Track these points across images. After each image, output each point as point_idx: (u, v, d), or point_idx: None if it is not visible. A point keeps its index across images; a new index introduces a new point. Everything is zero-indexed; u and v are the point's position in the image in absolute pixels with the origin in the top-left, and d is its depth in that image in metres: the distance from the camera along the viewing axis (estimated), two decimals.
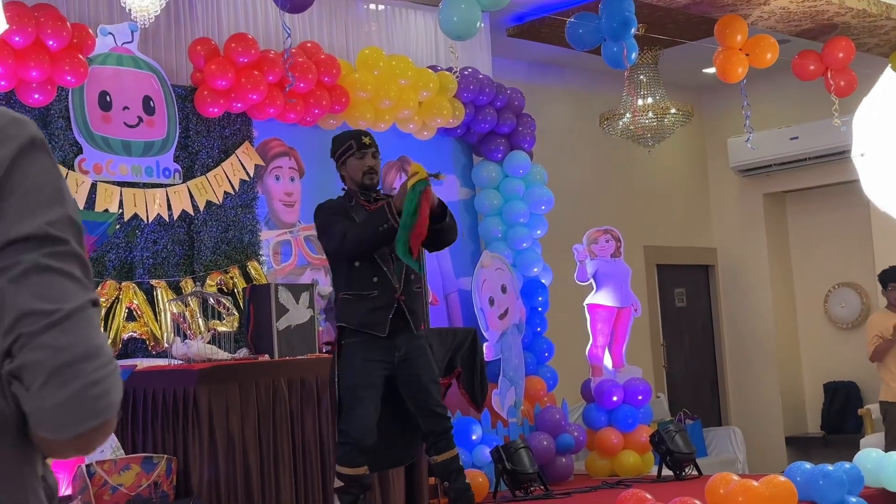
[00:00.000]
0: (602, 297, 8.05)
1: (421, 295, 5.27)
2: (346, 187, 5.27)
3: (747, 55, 7.03)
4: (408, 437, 5.36)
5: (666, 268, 10.53)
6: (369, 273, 5.06)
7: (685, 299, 10.79)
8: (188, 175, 6.51)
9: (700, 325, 10.90)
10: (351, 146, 5.19)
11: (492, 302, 7.56)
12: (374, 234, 4.95)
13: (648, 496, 5.05)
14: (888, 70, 5.73)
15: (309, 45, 6.98)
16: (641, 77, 8.79)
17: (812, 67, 7.52)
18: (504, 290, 7.64)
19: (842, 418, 10.28)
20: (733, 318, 10.89)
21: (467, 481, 5.30)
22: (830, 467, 5.77)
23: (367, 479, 5.09)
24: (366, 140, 5.21)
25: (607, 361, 8.06)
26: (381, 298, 5.05)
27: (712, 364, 10.93)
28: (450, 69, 7.60)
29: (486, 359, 7.13)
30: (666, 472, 7.37)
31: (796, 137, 10.08)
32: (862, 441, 8.70)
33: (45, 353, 1.23)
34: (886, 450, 6.75)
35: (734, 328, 10.89)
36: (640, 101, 8.72)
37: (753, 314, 10.73)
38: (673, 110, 8.64)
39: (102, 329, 1.30)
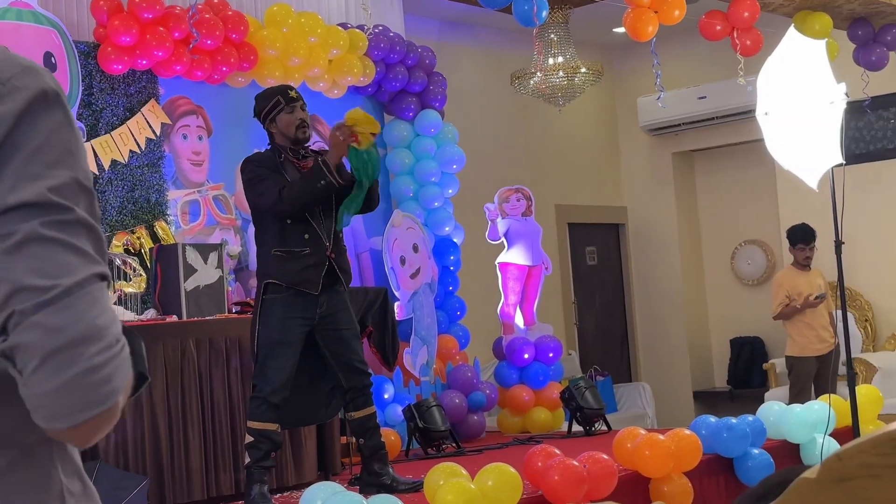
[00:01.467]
0: (513, 256, 8.11)
1: (346, 251, 5.27)
2: (272, 144, 5.21)
3: (656, 12, 7.07)
4: (324, 396, 5.35)
5: (577, 226, 10.62)
6: (301, 230, 5.04)
7: (596, 258, 10.90)
8: (92, 133, 6.37)
9: (610, 282, 11.03)
10: (279, 101, 5.15)
11: (403, 261, 7.56)
12: (312, 192, 4.95)
13: (557, 451, 5.11)
14: (791, 29, 5.81)
15: (216, 1, 6.85)
16: (552, 36, 8.81)
17: (719, 27, 7.60)
18: (416, 249, 7.64)
19: (748, 373, 10.50)
20: (643, 275, 11.04)
21: (382, 440, 5.32)
22: (734, 420, 5.90)
23: (277, 435, 5.08)
24: (293, 94, 5.19)
25: (519, 320, 8.12)
26: (313, 256, 5.04)
27: (622, 321, 11.08)
28: (361, 27, 7.53)
29: (398, 318, 7.15)
30: (576, 427, 7.47)
31: (704, 97, 10.20)
32: (766, 395, 8.90)
33: (39, 334, 1.11)
34: (790, 403, 6.91)
35: (644, 286, 11.04)
36: (550, 60, 8.74)
37: (662, 272, 10.88)
38: (583, 69, 8.68)
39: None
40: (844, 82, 5.69)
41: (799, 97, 5.54)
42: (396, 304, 7.31)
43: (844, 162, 5.55)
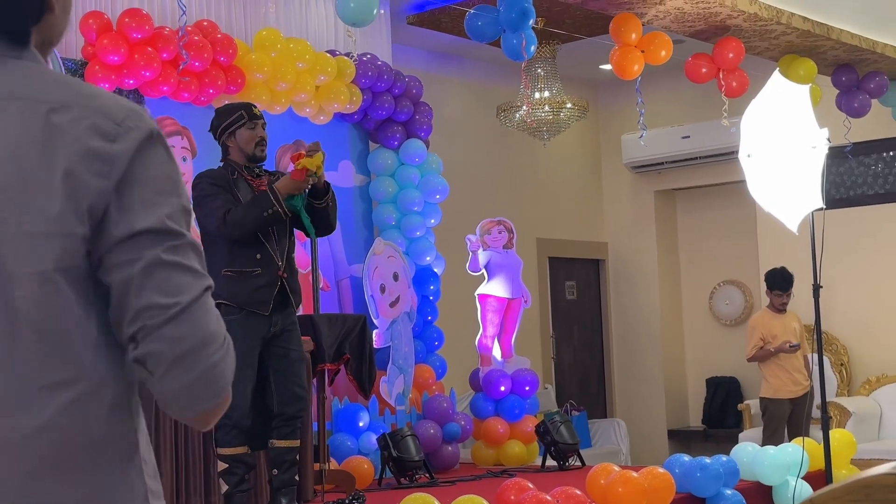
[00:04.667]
0: (493, 288, 8.11)
1: (298, 272, 5.24)
2: (225, 160, 5.15)
3: (643, 52, 7.13)
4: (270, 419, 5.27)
5: (558, 260, 10.65)
6: (253, 250, 4.97)
7: (575, 292, 10.92)
8: None
9: (589, 318, 11.04)
10: (242, 116, 5.09)
11: (383, 289, 7.55)
12: (258, 219, 4.89)
13: (530, 485, 5.10)
14: (776, 74, 5.86)
15: (205, 23, 6.86)
16: (539, 70, 8.86)
17: (704, 70, 7.66)
18: (396, 277, 7.64)
19: (722, 413, 10.52)
20: (622, 312, 11.06)
21: (296, 477, 5.20)
22: (708, 460, 5.91)
23: (250, 457, 5.04)
24: (256, 111, 5.15)
25: (496, 352, 8.12)
26: (264, 276, 4.97)
27: (600, 357, 11.09)
28: (348, 54, 7.56)
29: (375, 346, 7.13)
30: (550, 462, 7.46)
31: (688, 136, 10.27)
32: (741, 435, 8.92)
33: (165, 345, 1.36)
34: (763, 444, 6.93)
35: (622, 322, 11.06)
36: (536, 95, 8.79)
37: (641, 309, 10.91)
38: (569, 105, 8.73)
39: None
40: (827, 128, 5.75)
41: (782, 141, 5.59)
42: (375, 332, 7.30)
43: (824, 206, 5.60)
